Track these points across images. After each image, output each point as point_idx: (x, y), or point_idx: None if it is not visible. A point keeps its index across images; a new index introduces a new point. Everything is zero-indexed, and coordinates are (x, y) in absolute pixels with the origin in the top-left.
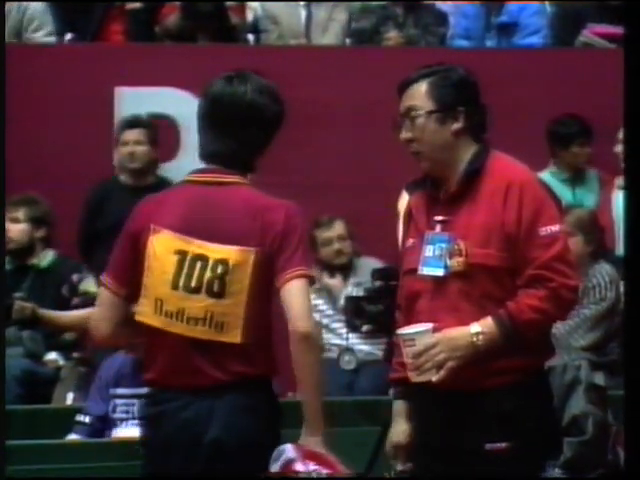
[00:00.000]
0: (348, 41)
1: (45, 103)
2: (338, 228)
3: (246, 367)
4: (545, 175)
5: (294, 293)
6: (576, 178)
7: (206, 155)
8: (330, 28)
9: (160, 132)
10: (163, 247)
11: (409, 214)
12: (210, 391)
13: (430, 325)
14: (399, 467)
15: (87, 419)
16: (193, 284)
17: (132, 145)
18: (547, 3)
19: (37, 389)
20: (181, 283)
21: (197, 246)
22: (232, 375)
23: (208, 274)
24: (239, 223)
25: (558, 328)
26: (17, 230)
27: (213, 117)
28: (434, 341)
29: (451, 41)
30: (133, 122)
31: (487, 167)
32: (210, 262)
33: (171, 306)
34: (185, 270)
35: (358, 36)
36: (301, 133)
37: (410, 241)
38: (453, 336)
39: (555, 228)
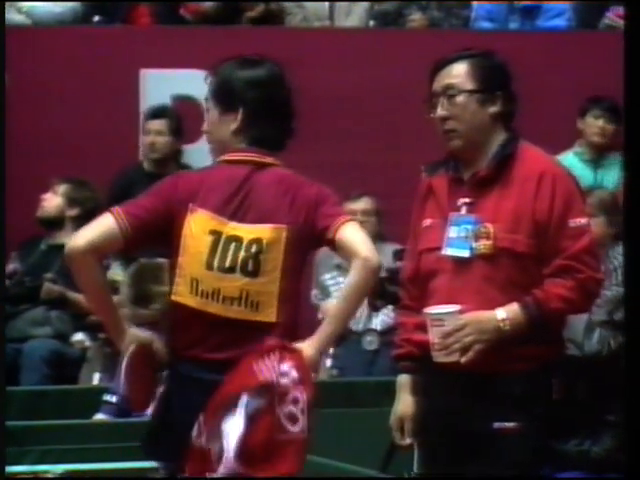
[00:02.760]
0: (372, 23)
1: (70, 85)
2: (363, 203)
3: (279, 345)
4: (568, 155)
5: (352, 232)
6: (598, 159)
7: (245, 140)
8: (354, 11)
9: (184, 114)
10: (199, 227)
11: (425, 195)
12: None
13: (458, 307)
14: (403, 441)
15: (114, 399)
16: (227, 264)
17: (153, 135)
18: None
19: (64, 370)
20: (215, 263)
21: (231, 228)
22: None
23: (242, 254)
24: (271, 202)
25: None
26: (50, 201)
27: (248, 101)
28: (463, 322)
29: (474, 23)
30: (156, 112)
31: (518, 154)
32: (244, 243)
33: (206, 286)
34: (219, 250)
35: (382, 19)
36: (325, 115)
37: (428, 221)
38: (481, 319)
39: (584, 221)
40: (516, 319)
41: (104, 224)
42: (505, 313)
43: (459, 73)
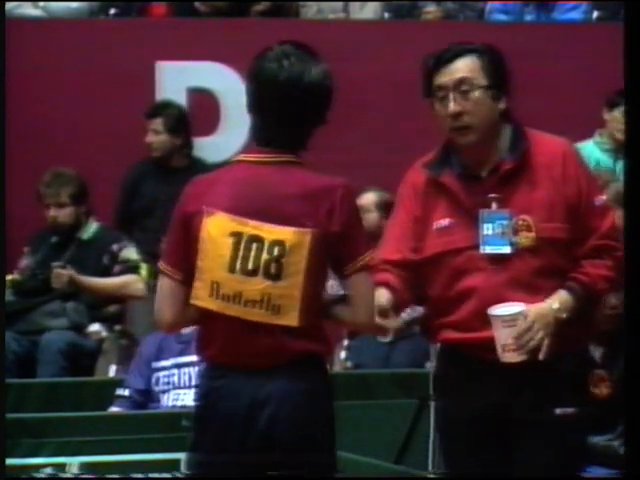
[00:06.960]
0: (387, 15)
1: (86, 78)
2: (364, 198)
3: (303, 348)
4: (589, 144)
5: (358, 287)
6: (619, 150)
7: (262, 140)
8: (369, 3)
9: (200, 107)
10: (218, 229)
11: (427, 192)
12: (267, 372)
13: (523, 305)
14: (401, 317)
15: (127, 392)
16: (250, 266)
17: (151, 134)
18: None
19: (81, 361)
20: (238, 266)
21: (252, 227)
22: (289, 356)
23: (265, 256)
24: (294, 203)
25: None
26: (65, 214)
27: (268, 99)
28: (532, 319)
29: (489, 15)
30: (153, 111)
31: (530, 141)
32: (266, 243)
33: (228, 289)
34: (241, 252)
35: (396, 11)
36: (338, 108)
37: (446, 221)
38: (543, 313)
39: (604, 197)
40: (568, 306)
41: (165, 288)
42: (558, 303)
43: (472, 67)
